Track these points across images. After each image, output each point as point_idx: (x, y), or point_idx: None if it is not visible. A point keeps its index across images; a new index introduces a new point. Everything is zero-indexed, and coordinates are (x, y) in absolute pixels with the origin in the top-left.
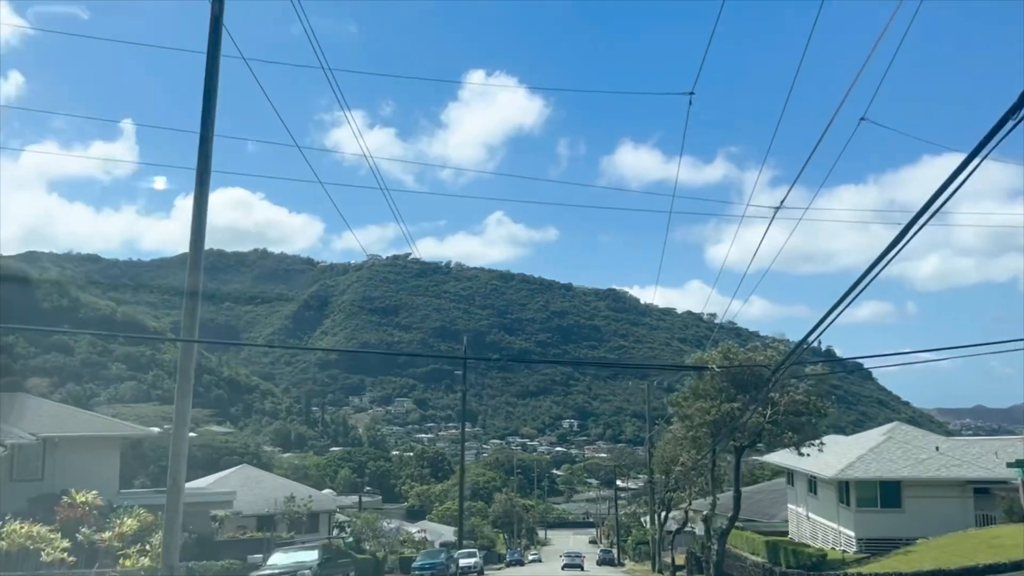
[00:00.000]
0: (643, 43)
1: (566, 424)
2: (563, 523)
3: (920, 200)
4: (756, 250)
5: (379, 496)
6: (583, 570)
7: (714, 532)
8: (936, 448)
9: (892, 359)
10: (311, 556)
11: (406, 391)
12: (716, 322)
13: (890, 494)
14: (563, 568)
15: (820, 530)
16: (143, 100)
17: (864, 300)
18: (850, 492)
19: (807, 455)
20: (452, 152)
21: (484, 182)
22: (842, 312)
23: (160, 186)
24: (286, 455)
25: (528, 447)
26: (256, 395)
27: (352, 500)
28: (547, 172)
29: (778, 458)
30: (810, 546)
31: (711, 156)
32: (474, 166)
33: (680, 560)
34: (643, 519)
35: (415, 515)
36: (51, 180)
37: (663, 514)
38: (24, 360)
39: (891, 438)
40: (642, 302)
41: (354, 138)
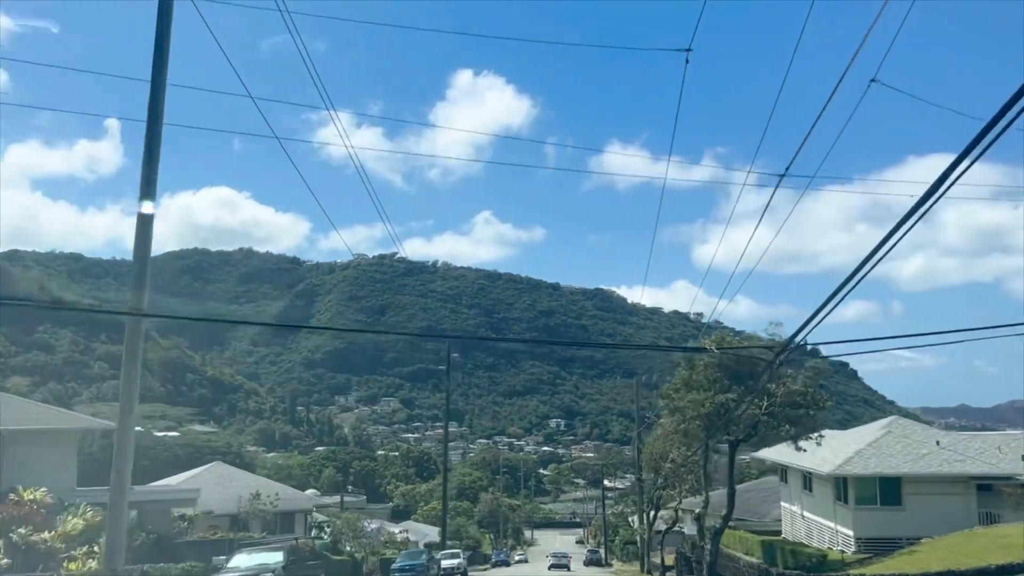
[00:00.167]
0: (634, 42)
1: (553, 424)
2: (550, 523)
3: (912, 196)
4: (750, 238)
5: (363, 496)
6: (570, 570)
7: (707, 531)
8: (937, 443)
9: (903, 341)
10: (275, 558)
11: (392, 391)
12: (703, 321)
13: (890, 491)
14: (550, 568)
15: (815, 529)
16: (129, 99)
17: (850, 300)
18: (848, 489)
19: (804, 450)
20: (440, 151)
21: (472, 182)
22: (848, 294)
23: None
24: (270, 455)
25: (515, 447)
26: (240, 394)
27: (334, 500)
28: (535, 172)
29: (771, 454)
30: (809, 546)
31: (698, 157)
32: (462, 165)
33: (669, 560)
34: (631, 518)
35: (400, 515)
36: (34, 179)
37: (652, 513)
38: (4, 359)
39: (890, 432)
40: (629, 301)
41: (341, 137)
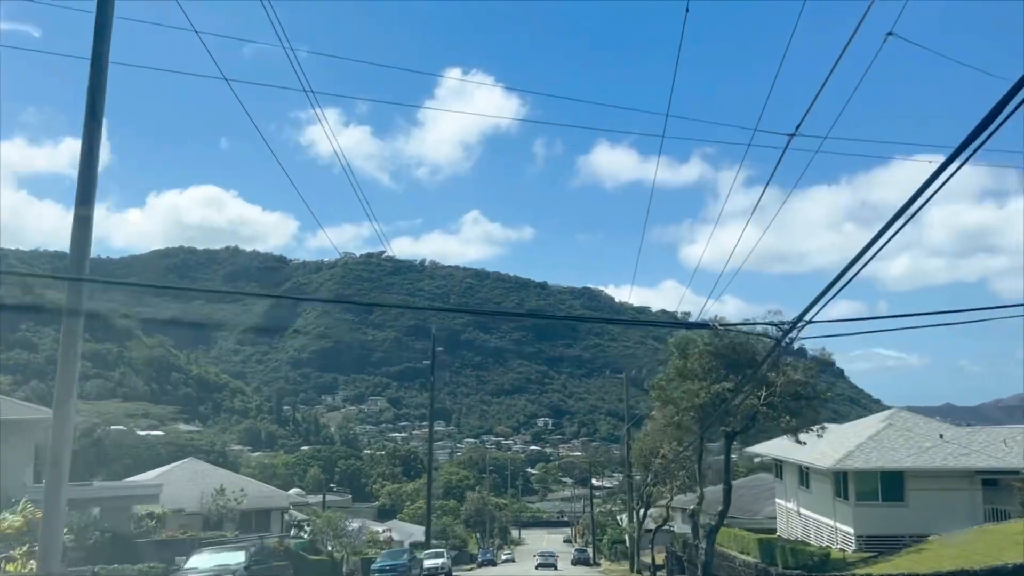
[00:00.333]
0: (625, 39)
1: (541, 423)
2: (537, 522)
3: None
4: (742, 233)
5: (349, 495)
6: (557, 569)
7: (701, 528)
8: (940, 436)
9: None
10: (236, 558)
11: (380, 390)
12: (691, 320)
13: (892, 486)
14: (537, 568)
15: (813, 527)
16: (114, 97)
17: (837, 299)
18: (848, 484)
19: (804, 443)
20: (428, 151)
21: (460, 181)
22: (861, 271)
23: (131, 183)
24: (255, 454)
25: (503, 446)
26: (226, 393)
27: (318, 499)
28: (523, 171)
29: (766, 448)
30: (810, 544)
31: (686, 156)
32: (450, 165)
33: (659, 560)
34: (619, 517)
35: (386, 514)
36: (19, 176)
37: (642, 511)
38: None
39: (891, 425)
40: (616, 300)
41: (329, 136)
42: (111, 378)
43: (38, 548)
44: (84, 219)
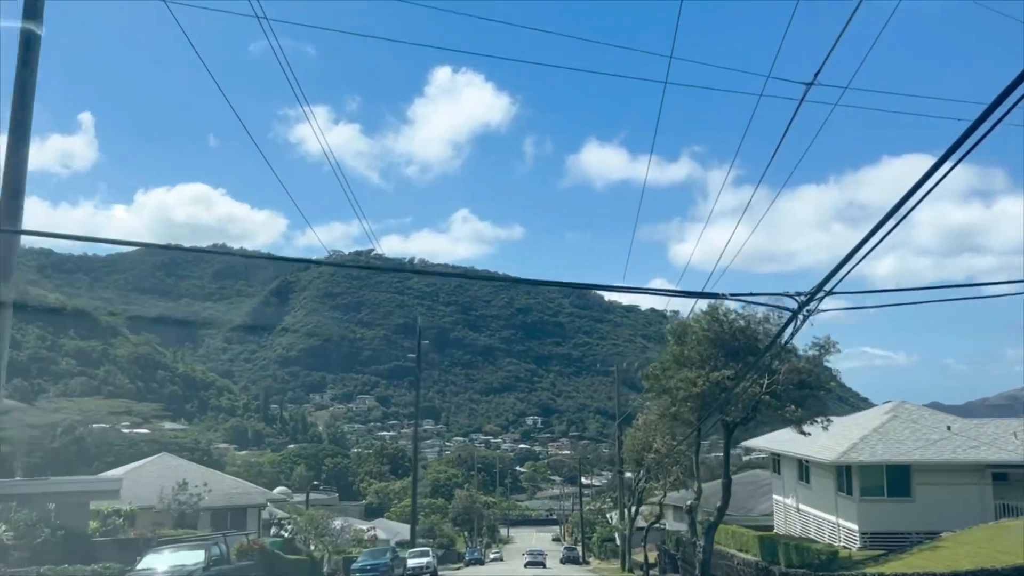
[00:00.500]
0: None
1: (530, 421)
2: (526, 521)
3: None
4: (735, 229)
5: (336, 493)
6: (546, 568)
7: (700, 525)
8: (948, 428)
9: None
10: (194, 558)
11: (368, 388)
12: (680, 319)
13: (899, 481)
14: (525, 567)
15: (813, 524)
16: (102, 94)
17: (830, 299)
18: (852, 479)
19: (808, 434)
20: (418, 149)
21: (450, 179)
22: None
23: (118, 181)
24: (242, 452)
25: (492, 444)
26: (212, 391)
27: (302, 497)
28: (514, 170)
29: (763, 442)
30: (816, 541)
31: (675, 155)
32: (440, 163)
33: (651, 558)
34: (609, 515)
35: (373, 513)
36: None
37: (633, 508)
38: None
39: (896, 417)
40: (606, 299)
41: (319, 134)
42: (95, 376)
43: None
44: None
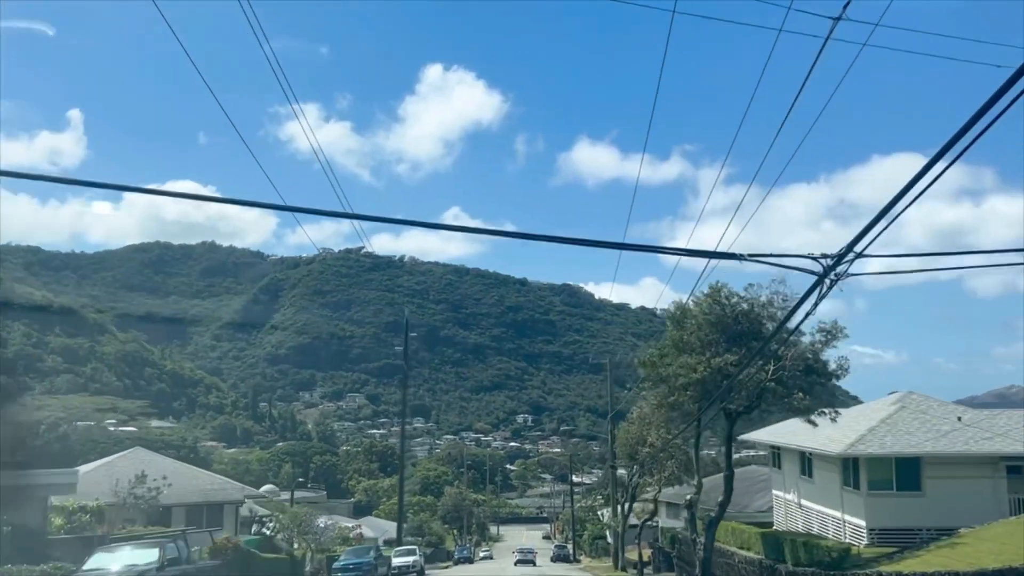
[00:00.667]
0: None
1: (520, 419)
2: (516, 519)
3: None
4: (728, 225)
5: (324, 491)
6: (536, 566)
7: (700, 520)
8: (958, 419)
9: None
10: (147, 557)
11: (358, 386)
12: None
13: (908, 474)
14: (515, 565)
15: (817, 520)
16: (91, 91)
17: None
18: (860, 472)
19: (815, 424)
20: (409, 147)
21: (441, 177)
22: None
23: (106, 178)
24: (230, 450)
25: (482, 442)
26: (201, 389)
27: (288, 494)
28: (505, 167)
29: (764, 435)
30: (825, 538)
31: (667, 153)
32: (431, 161)
33: (645, 556)
34: (600, 512)
35: (362, 511)
36: None
37: (627, 505)
38: None
39: (904, 407)
40: (596, 297)
41: (308, 132)
42: (82, 373)
43: None
44: None
